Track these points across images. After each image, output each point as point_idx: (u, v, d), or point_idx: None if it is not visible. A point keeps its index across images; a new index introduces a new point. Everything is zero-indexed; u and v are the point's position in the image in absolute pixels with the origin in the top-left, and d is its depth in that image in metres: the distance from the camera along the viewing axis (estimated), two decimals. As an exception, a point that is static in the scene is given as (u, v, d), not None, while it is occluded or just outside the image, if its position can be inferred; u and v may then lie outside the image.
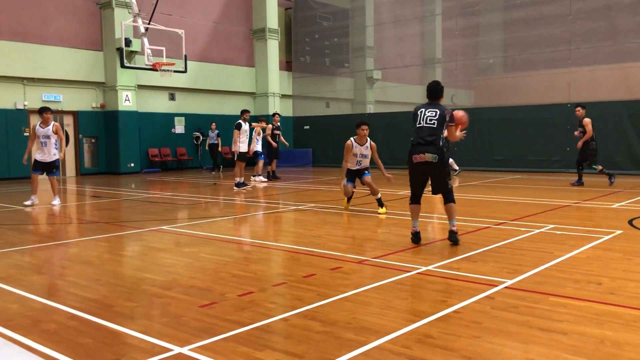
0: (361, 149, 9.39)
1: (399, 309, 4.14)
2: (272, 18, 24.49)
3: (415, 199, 6.64)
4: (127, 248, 7.07)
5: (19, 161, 17.80)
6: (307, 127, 24.56)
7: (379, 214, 9.15)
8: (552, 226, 7.63)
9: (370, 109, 26.76)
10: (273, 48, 24.62)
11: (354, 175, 9.63)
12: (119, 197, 12.80)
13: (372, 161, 9.73)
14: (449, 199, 6.47)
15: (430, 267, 5.38)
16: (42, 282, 5.31)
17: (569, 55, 19.52)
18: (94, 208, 11.20)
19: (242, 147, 14.08)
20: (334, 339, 3.54)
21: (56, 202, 11.01)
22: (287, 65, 26.23)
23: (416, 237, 6.56)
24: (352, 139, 9.45)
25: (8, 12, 17.67)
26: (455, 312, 4.03)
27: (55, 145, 11.00)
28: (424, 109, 6.44)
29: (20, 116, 18.03)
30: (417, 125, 6.40)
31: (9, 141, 17.57)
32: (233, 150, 14.10)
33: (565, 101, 18.04)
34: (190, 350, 3.38)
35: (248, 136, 14.27)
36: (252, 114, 24.21)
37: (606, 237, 6.80)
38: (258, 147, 15.44)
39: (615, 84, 19.27)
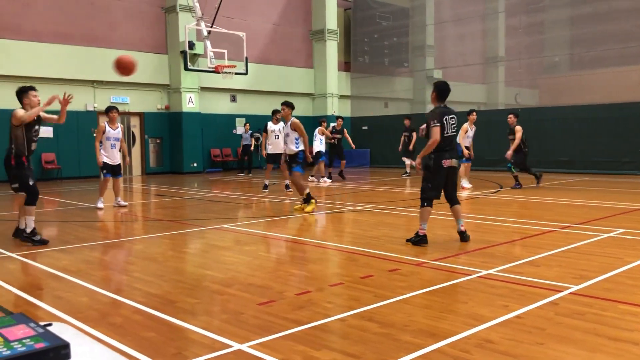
0: (278, 127, 10.13)
1: (459, 312, 4.07)
2: (331, 19, 24.57)
3: (432, 202, 6.72)
4: (189, 245, 7.27)
5: (90, 160, 18.73)
6: (365, 127, 24.50)
7: (302, 211, 9.57)
8: (621, 230, 7.29)
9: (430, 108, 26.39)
10: (332, 49, 24.69)
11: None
12: (182, 196, 13.17)
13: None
14: (456, 201, 6.84)
15: (491, 271, 5.25)
16: (109, 277, 5.54)
17: (642, 51, 18.59)
18: (159, 206, 11.57)
19: (269, 148, 13.39)
20: (391, 340, 3.51)
21: (124, 202, 10.98)
22: (346, 65, 26.25)
23: (425, 239, 6.66)
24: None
25: (80, 19, 18.53)
26: (517, 317, 3.92)
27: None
28: (447, 117, 6.66)
29: (90, 117, 18.88)
30: (445, 135, 6.61)
31: (79, 141, 18.42)
32: (263, 153, 13.61)
33: (637, 100, 17.20)
34: (249, 347, 3.43)
35: (277, 137, 13.30)
36: (310, 114, 24.49)
37: (682, 243, 6.44)
38: (321, 147, 15.50)
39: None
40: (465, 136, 13.10)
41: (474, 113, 13.38)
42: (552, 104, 21.27)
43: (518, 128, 13.03)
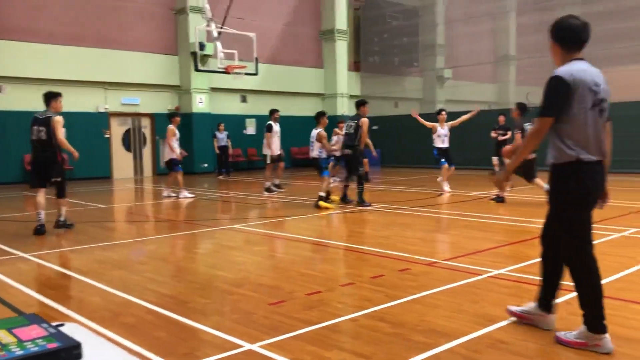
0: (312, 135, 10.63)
1: (470, 312, 4.05)
2: (341, 19, 24.56)
3: None
4: (200, 246, 7.29)
5: (100, 161, 18.88)
6: (376, 127, 24.45)
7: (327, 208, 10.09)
8: (633, 230, 7.22)
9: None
10: (341, 49, 24.68)
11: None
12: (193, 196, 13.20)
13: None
14: None
15: (502, 271, 5.22)
16: (121, 277, 5.57)
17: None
18: (170, 207, 11.62)
19: (274, 148, 13.32)
20: (403, 340, 3.50)
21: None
22: (356, 65, 26.22)
23: None
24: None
25: (91, 21, 18.64)
26: (529, 317, 3.88)
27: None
28: None
29: (101, 119, 18.99)
30: None
31: (90, 142, 18.49)
32: (267, 153, 13.29)
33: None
34: (260, 347, 3.44)
35: (279, 138, 13.60)
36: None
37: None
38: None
39: None
40: (436, 136, 12.62)
41: (443, 112, 13.08)
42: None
43: (364, 121, 10.50)
